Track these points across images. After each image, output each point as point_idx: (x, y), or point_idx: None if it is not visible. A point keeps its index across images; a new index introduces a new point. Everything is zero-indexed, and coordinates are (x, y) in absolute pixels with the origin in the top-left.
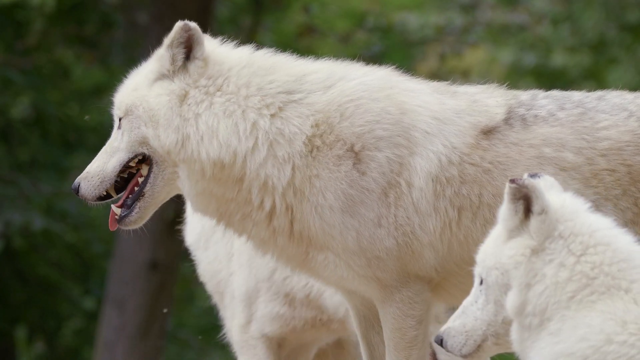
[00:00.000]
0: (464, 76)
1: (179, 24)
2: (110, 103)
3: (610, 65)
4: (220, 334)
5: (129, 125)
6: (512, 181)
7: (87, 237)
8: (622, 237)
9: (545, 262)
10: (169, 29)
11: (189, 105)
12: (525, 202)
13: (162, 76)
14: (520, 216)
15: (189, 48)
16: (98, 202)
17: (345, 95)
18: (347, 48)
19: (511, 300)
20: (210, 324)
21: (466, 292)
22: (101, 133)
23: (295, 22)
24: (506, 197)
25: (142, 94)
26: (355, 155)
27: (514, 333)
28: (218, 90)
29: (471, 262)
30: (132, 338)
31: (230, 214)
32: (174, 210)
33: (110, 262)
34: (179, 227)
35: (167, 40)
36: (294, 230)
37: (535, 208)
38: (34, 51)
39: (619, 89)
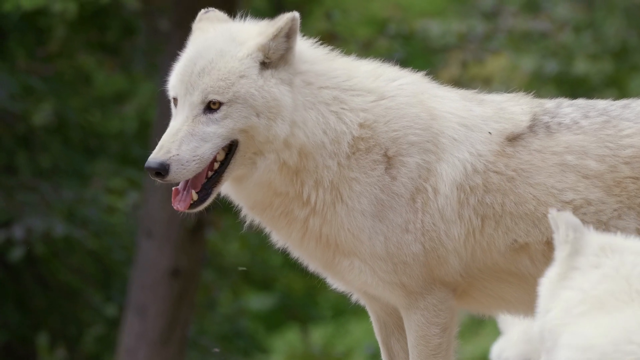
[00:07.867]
0: (486, 83)
1: (288, 15)
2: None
3: (632, 72)
4: None
5: (237, 113)
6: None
7: (109, 244)
8: None
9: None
10: (190, 34)
11: (297, 95)
12: None
13: (265, 65)
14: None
15: (288, 37)
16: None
17: (389, 99)
18: (369, 55)
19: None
20: (231, 331)
21: (492, 298)
22: (122, 140)
23: (317, 29)
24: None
25: (259, 84)
26: (388, 160)
27: None
28: (308, 84)
29: (494, 268)
30: (153, 345)
31: (267, 207)
32: (196, 217)
33: (131, 268)
34: (200, 234)
35: (272, 30)
36: (322, 234)
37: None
38: (55, 58)
39: None
